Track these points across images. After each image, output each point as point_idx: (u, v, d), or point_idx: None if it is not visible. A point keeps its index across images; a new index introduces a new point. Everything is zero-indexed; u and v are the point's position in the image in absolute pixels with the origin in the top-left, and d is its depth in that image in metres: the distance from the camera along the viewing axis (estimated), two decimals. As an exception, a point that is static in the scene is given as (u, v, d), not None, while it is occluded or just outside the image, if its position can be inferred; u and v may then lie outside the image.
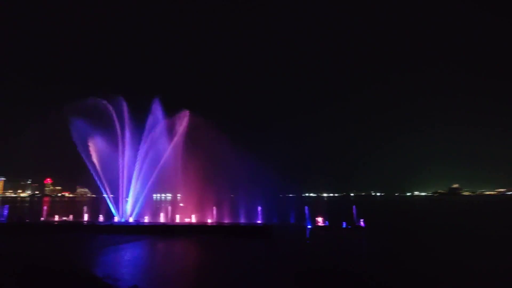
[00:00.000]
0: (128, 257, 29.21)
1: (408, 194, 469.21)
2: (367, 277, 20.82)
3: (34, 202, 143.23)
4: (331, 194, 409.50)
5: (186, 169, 47.21)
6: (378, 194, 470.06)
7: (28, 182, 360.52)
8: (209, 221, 45.50)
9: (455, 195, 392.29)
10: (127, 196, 49.02)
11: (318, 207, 49.11)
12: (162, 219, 46.96)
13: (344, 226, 44.94)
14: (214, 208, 46.56)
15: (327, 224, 46.53)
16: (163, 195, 50.68)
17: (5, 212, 48.74)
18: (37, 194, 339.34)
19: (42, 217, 49.84)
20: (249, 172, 48.88)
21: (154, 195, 57.87)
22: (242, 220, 46.07)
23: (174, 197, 48.55)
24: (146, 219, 46.51)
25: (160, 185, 50.18)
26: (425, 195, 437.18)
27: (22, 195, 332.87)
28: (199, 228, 42.12)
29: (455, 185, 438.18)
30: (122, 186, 49.00)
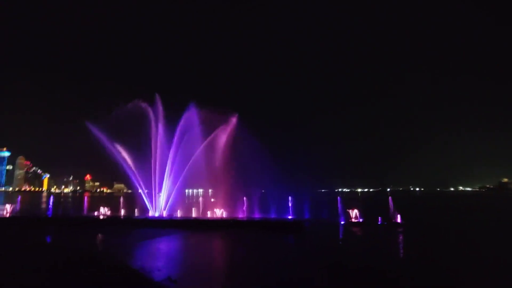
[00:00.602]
0: (161, 250, 30.50)
1: (452, 189, 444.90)
2: (400, 279, 19.64)
3: (76, 198, 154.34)
4: (366, 189, 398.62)
5: (217, 166, 48.55)
6: (417, 189, 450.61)
7: (70, 178, 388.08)
8: (240, 216, 46.30)
9: (505, 190, 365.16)
10: (160, 191, 51.38)
11: (351, 202, 47.86)
12: (194, 213, 48.44)
13: (379, 222, 43.72)
14: (245, 203, 47.23)
15: (361, 219, 45.39)
16: (195, 190, 52.33)
17: (50, 207, 53.01)
18: (78, 190, 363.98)
19: (83, 211, 53.37)
20: (281, 168, 49.01)
21: (187, 190, 59.94)
22: (273, 215, 46.29)
23: (206, 192, 49.85)
24: (179, 214, 48.29)
25: (192, 181, 51.90)
26: (471, 190, 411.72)
27: (65, 190, 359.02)
28: (230, 223, 42.93)
29: (505, 180, 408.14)
30: (155, 182, 51.26)
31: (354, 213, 45.87)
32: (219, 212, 46.57)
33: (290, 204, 44.92)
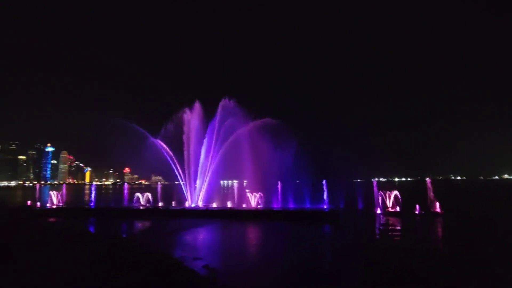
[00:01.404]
0: (198, 239, 32.23)
1: (496, 177, 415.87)
2: (434, 277, 17.78)
3: (116, 189, 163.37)
4: (403, 179, 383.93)
5: (252, 157, 50.00)
6: (458, 178, 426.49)
7: (111, 171, 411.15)
8: (275, 206, 47.28)
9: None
10: (195, 182, 53.77)
11: (388, 191, 47.00)
12: (229, 204, 50.18)
13: (417, 212, 42.93)
14: (280, 193, 48.06)
15: (399, 209, 44.71)
16: (230, 181, 54.03)
17: (93, 198, 57.06)
18: (118, 182, 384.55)
19: (123, 202, 56.86)
20: (315, 159, 49.22)
21: (222, 181, 61.85)
22: (308, 205, 46.84)
23: (241, 183, 51.29)
24: (214, 204, 50.30)
25: (227, 172, 53.67)
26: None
27: (106, 183, 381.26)
28: (265, 213, 44.13)
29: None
30: (191, 174, 54.02)
31: (391, 200, 45.28)
32: (254, 203, 48.00)
33: (325, 194, 45.10)
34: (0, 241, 12.45)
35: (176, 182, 56.94)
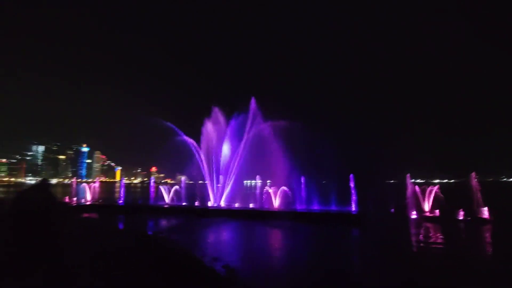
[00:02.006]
0: (219, 238, 31.76)
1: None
2: None
3: (144, 187, 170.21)
4: (445, 180, 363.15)
5: (276, 157, 49.10)
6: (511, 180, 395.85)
7: (138, 170, 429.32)
8: (299, 207, 45.90)
9: None
10: (218, 182, 53.94)
11: (426, 193, 43.63)
12: (251, 204, 49.47)
13: (460, 218, 38.97)
14: (304, 194, 46.61)
15: (438, 213, 41.17)
16: (253, 181, 53.89)
17: (122, 195, 59.22)
18: (145, 180, 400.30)
19: (149, 200, 58.44)
20: (344, 157, 47.21)
21: (245, 181, 61.77)
22: (334, 207, 44.90)
23: (264, 184, 50.60)
24: (237, 204, 49.79)
25: (250, 172, 53.36)
26: None
27: (134, 181, 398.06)
28: (288, 214, 42.76)
29: None
30: (215, 173, 54.42)
31: (429, 203, 41.99)
32: (277, 203, 46.84)
33: (353, 196, 42.93)
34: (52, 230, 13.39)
35: (200, 182, 57.59)
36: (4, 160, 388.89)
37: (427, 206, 42.29)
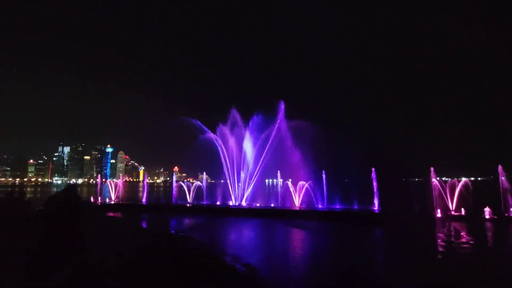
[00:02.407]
0: (240, 237, 32.48)
1: None
2: None
3: (166, 187, 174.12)
4: (472, 178, 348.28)
5: (298, 156, 49.49)
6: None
7: (161, 170, 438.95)
8: (320, 206, 45.97)
9: None
10: (239, 181, 54.69)
11: (450, 192, 42.44)
12: (272, 203, 49.93)
13: (487, 216, 37.78)
14: (326, 193, 46.61)
15: (464, 213, 40.08)
16: (274, 180, 54.33)
17: (145, 195, 61.21)
18: (168, 180, 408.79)
19: (172, 199, 59.87)
20: (366, 157, 46.89)
21: (266, 180, 62.28)
22: (356, 206, 44.66)
23: (285, 183, 50.85)
24: (258, 204, 50.40)
25: (271, 171, 53.81)
26: None
27: (158, 181, 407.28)
28: (309, 213, 42.95)
29: None
30: (236, 173, 55.34)
31: (454, 201, 40.91)
32: (298, 202, 47.12)
33: (375, 195, 42.50)
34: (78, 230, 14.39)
35: (222, 181, 58.48)
36: (31, 161, 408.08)
37: (452, 205, 41.25)
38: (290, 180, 49.74)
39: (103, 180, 67.62)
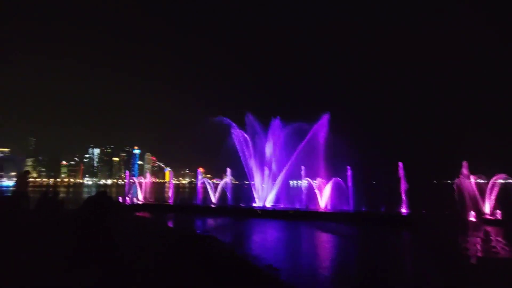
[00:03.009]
0: (263, 239, 32.67)
1: None
2: None
3: (192, 188, 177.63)
4: (510, 180, 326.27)
5: (324, 158, 49.26)
6: None
7: (187, 171, 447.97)
8: (346, 208, 45.44)
9: None
10: (263, 182, 55.00)
11: (486, 194, 40.50)
12: (297, 205, 49.85)
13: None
14: (351, 194, 45.91)
15: (500, 217, 37.96)
16: (299, 181, 54.10)
17: (171, 195, 63.02)
18: (193, 181, 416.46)
19: (197, 200, 61.14)
20: (396, 159, 45.53)
21: (291, 181, 62.14)
22: (383, 208, 43.67)
23: (311, 184, 50.59)
24: (282, 205, 50.57)
25: (296, 172, 53.64)
26: None
27: (183, 182, 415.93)
28: (335, 215, 42.64)
29: None
30: (259, 174, 55.82)
31: (490, 204, 38.96)
32: (324, 204, 46.73)
33: (403, 196, 41.31)
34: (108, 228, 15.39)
35: (246, 182, 59.03)
36: (64, 162, 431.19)
37: (487, 207, 39.40)
38: (315, 181, 49.44)
39: (131, 180, 70.09)
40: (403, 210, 41.13)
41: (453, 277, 18.79)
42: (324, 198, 47.21)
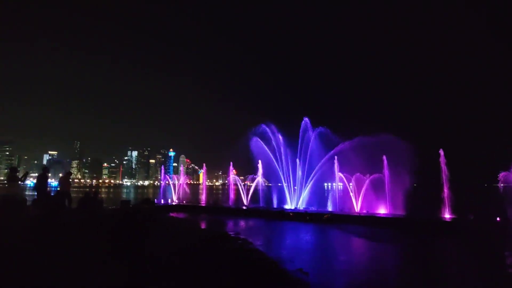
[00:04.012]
0: (294, 242, 32.07)
1: None
2: None
3: (225, 189, 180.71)
4: None
5: (361, 159, 47.93)
6: None
7: (220, 173, 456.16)
8: (383, 212, 43.69)
9: None
10: (295, 184, 54.59)
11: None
12: (330, 207, 48.77)
13: None
14: (389, 198, 43.97)
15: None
16: (334, 183, 52.96)
17: (204, 197, 64.57)
18: (225, 183, 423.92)
19: (229, 202, 62.11)
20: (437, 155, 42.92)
21: (325, 183, 61.23)
22: (424, 213, 41.41)
23: (346, 186, 49.37)
24: (315, 208, 49.88)
25: (330, 174, 52.60)
26: None
27: (216, 183, 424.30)
28: (370, 219, 41.12)
29: None
30: (292, 176, 55.59)
31: None
32: (359, 207, 45.35)
33: (446, 200, 38.91)
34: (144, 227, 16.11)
35: (279, 184, 59.02)
36: (105, 164, 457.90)
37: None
38: (350, 184, 48.14)
39: (166, 181, 72.83)
40: (447, 216, 38.69)
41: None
42: (359, 201, 45.73)
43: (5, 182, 21.30)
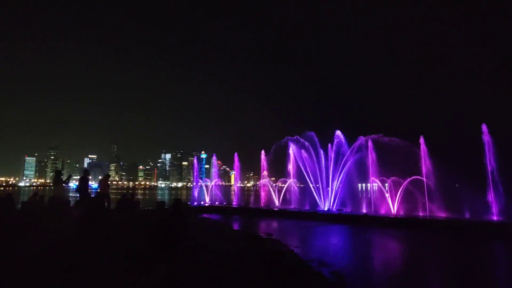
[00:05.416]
0: (328, 244, 31.54)
1: None
2: None
3: (256, 191, 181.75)
4: None
5: (398, 159, 46.38)
6: None
7: (251, 174, 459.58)
8: (421, 214, 41.92)
9: None
10: (327, 186, 53.71)
11: None
12: (365, 209, 47.52)
13: None
14: (428, 199, 42.06)
15: None
16: (369, 184, 51.57)
17: (236, 198, 65.35)
18: (257, 184, 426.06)
19: (261, 203, 62.24)
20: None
21: (359, 184, 59.83)
22: (468, 215, 39.09)
23: (381, 187, 47.87)
24: (349, 208, 48.81)
25: (365, 175, 51.26)
26: None
27: (248, 185, 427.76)
28: (407, 221, 39.57)
29: None
30: (323, 177, 54.92)
31: None
32: (396, 209, 43.79)
33: (491, 202, 36.49)
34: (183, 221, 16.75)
35: (311, 185, 58.46)
36: (141, 167, 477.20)
37: None
38: (386, 184, 46.61)
39: (199, 183, 74.61)
40: (494, 218, 36.33)
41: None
42: (396, 202, 44.12)
43: (51, 184, 22.88)
